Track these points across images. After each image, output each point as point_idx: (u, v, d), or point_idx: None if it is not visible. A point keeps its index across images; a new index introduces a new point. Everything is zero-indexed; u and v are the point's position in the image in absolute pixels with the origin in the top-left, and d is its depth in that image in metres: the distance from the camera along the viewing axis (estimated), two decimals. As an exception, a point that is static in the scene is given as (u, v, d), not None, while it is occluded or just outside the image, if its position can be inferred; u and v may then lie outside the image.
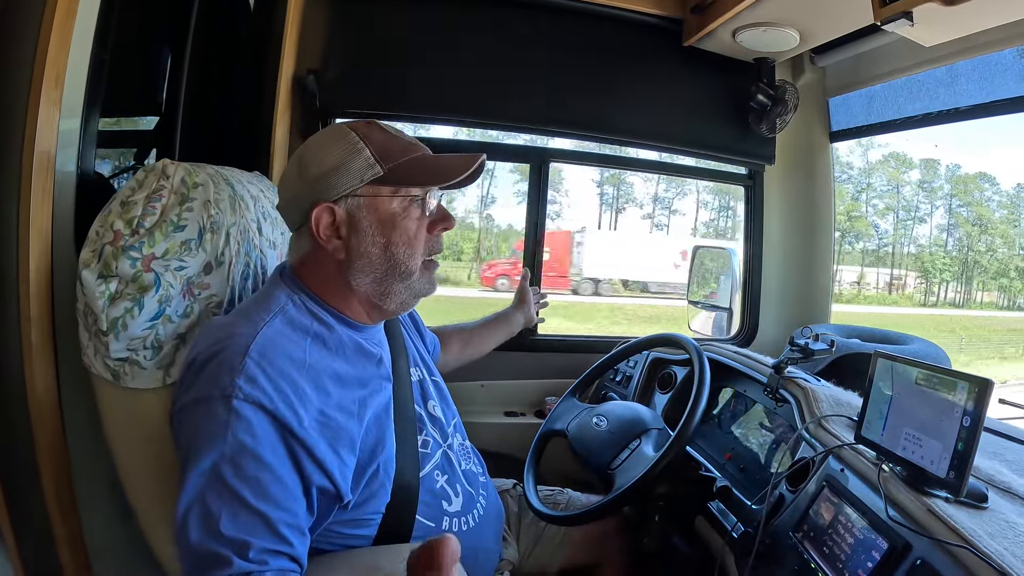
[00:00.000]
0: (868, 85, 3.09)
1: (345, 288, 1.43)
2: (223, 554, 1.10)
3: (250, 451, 1.16)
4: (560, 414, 2.12)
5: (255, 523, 1.14)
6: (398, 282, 1.43)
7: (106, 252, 1.28)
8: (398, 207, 1.40)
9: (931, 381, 1.33)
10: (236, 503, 1.13)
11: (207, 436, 1.16)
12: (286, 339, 1.29)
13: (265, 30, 2.60)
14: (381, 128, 1.44)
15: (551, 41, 2.95)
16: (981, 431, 1.22)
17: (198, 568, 1.11)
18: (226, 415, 1.16)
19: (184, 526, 1.12)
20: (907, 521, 1.24)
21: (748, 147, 3.23)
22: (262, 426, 1.18)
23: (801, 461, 1.63)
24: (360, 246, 1.39)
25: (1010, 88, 2.49)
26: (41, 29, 1.42)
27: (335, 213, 1.37)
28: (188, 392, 1.23)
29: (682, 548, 1.94)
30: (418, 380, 1.67)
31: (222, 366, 1.20)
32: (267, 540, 1.14)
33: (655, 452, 1.75)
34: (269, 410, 1.19)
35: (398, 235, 1.40)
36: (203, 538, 1.11)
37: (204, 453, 1.14)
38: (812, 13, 2.47)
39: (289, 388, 1.23)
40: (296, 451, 1.21)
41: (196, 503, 1.13)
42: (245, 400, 1.17)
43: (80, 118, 1.58)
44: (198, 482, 1.13)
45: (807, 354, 1.87)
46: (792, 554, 1.45)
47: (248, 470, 1.15)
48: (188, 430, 1.19)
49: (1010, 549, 1.12)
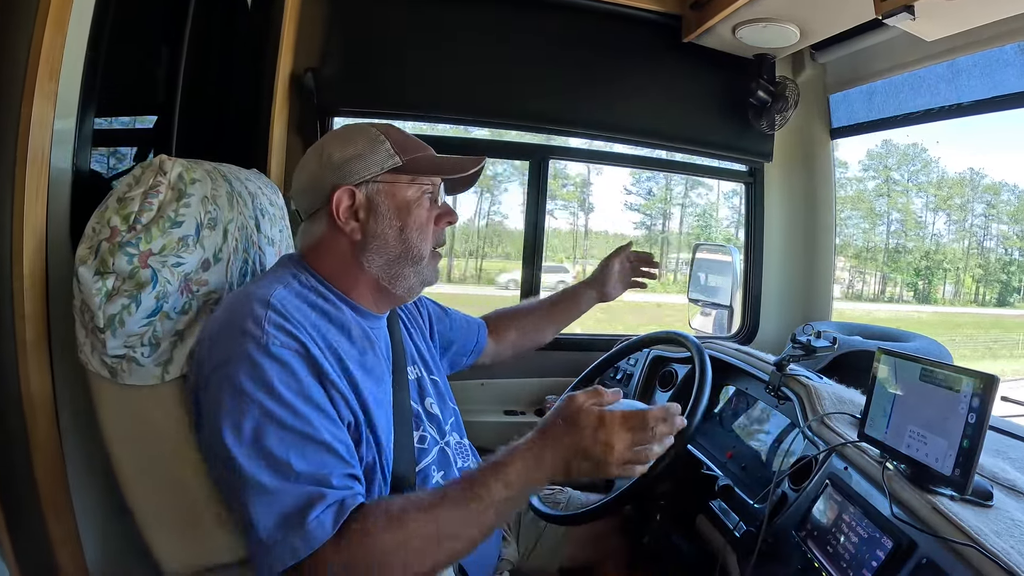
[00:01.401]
0: (869, 81, 3.08)
1: (356, 270, 1.48)
2: (310, 491, 1.16)
3: (298, 391, 1.22)
4: None
5: (324, 455, 1.20)
6: (408, 266, 1.49)
7: (103, 248, 1.27)
8: (413, 195, 1.49)
9: (935, 377, 1.32)
10: (300, 441, 1.19)
11: (251, 389, 1.19)
12: (300, 302, 1.35)
13: (263, 28, 2.61)
14: (397, 129, 1.54)
15: (550, 38, 2.95)
16: (987, 428, 1.21)
17: (291, 516, 1.14)
18: (267, 362, 1.21)
19: (254, 482, 1.15)
20: (912, 519, 1.24)
21: (748, 144, 3.23)
22: (302, 368, 1.25)
23: (804, 459, 1.62)
24: (377, 228, 1.46)
25: (1012, 83, 2.48)
26: (35, 26, 1.41)
27: (355, 196, 1.44)
28: (212, 358, 1.25)
29: (683, 547, 1.93)
30: (415, 378, 1.68)
31: (246, 321, 1.24)
32: (341, 466, 1.22)
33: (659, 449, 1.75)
34: (304, 353, 1.26)
35: (412, 220, 1.48)
36: (282, 485, 1.15)
37: (251, 406, 1.18)
38: (812, 8, 2.46)
39: (314, 335, 1.31)
40: (332, 393, 1.28)
41: (259, 456, 1.17)
42: (282, 346, 1.24)
43: (75, 116, 1.57)
44: (255, 435, 1.17)
45: (809, 351, 1.87)
46: (795, 553, 1.44)
47: (301, 409, 1.21)
48: (226, 391, 1.20)
49: (1016, 547, 1.11)
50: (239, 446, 1.17)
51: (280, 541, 1.13)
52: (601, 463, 1.26)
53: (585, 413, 1.28)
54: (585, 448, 1.25)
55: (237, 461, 1.16)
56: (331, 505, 1.16)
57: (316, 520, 1.13)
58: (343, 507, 1.17)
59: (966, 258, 32.30)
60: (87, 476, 1.55)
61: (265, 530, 1.14)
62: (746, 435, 2.04)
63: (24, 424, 1.44)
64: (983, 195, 32.96)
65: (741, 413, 2.13)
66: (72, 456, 1.52)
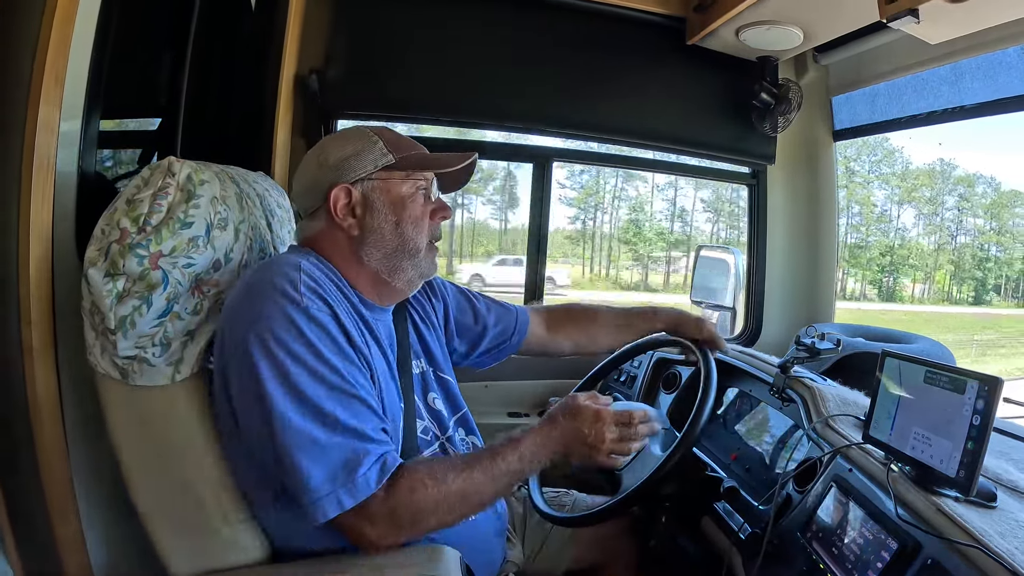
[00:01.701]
0: (871, 83, 3.09)
1: (356, 264, 1.53)
2: (355, 446, 1.26)
3: (336, 350, 1.31)
4: None
5: (364, 409, 1.31)
6: (406, 259, 1.55)
7: (113, 250, 1.28)
8: (407, 191, 1.55)
9: (940, 380, 1.32)
10: (343, 396, 1.28)
11: (294, 346, 1.27)
12: (321, 276, 1.40)
13: (267, 30, 2.62)
14: (390, 130, 1.62)
15: (554, 41, 2.96)
16: (991, 429, 1.21)
17: (340, 471, 1.24)
18: (304, 321, 1.29)
19: (305, 435, 1.24)
20: (917, 521, 1.24)
21: (751, 146, 3.24)
22: (336, 329, 1.33)
23: (808, 461, 1.62)
24: (373, 223, 1.52)
25: (1015, 86, 2.49)
26: (41, 30, 1.42)
27: (351, 194, 1.51)
28: (247, 317, 1.29)
29: (689, 549, 1.93)
30: (420, 372, 1.72)
31: (282, 281, 1.32)
32: (378, 420, 1.34)
33: (662, 452, 1.74)
34: (335, 316, 1.34)
35: (407, 214, 1.54)
36: (331, 438, 1.25)
37: (295, 362, 1.26)
38: (816, 11, 2.47)
39: (338, 305, 1.38)
40: (360, 355, 1.38)
41: (308, 410, 1.25)
42: (317, 309, 1.31)
43: (81, 119, 1.58)
44: (302, 389, 1.25)
45: (813, 353, 1.87)
46: (801, 555, 1.44)
47: (340, 366, 1.30)
48: (266, 348, 1.25)
49: (1021, 548, 1.11)
50: (287, 401, 1.23)
51: (329, 494, 1.23)
52: (593, 449, 1.53)
53: (585, 408, 1.55)
54: (583, 435, 1.52)
55: (286, 416, 1.23)
56: (376, 462, 1.27)
57: (363, 476, 1.25)
58: (386, 465, 1.29)
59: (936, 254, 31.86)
60: (92, 479, 1.56)
61: (316, 481, 1.23)
62: (750, 437, 2.04)
63: (30, 427, 1.45)
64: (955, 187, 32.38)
65: (745, 415, 2.13)
66: (77, 460, 1.53)
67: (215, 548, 1.38)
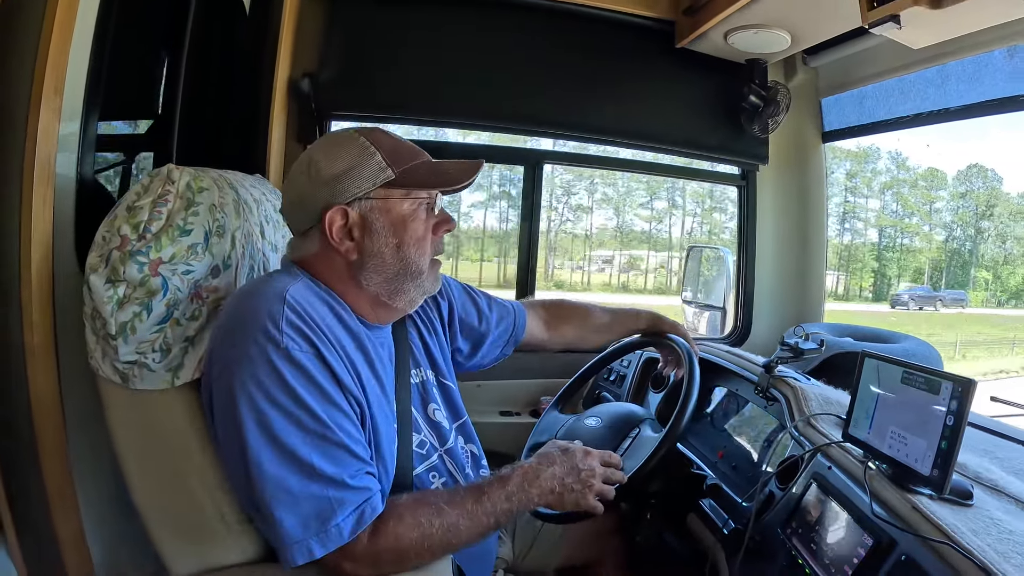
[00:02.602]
0: (860, 85, 3.12)
1: (354, 286, 1.45)
2: (331, 496, 1.22)
3: (316, 393, 1.25)
4: (545, 427, 2.10)
5: (343, 455, 1.25)
6: (408, 281, 1.46)
7: (113, 257, 1.28)
8: (408, 209, 1.43)
9: (916, 380, 1.36)
10: (321, 443, 1.23)
11: (272, 391, 1.22)
12: (311, 300, 1.34)
13: (261, 33, 2.63)
14: (387, 133, 1.47)
15: (545, 44, 2.99)
16: (964, 429, 1.24)
17: (313, 520, 1.21)
18: (284, 365, 1.23)
19: (278, 483, 1.21)
20: (892, 518, 1.26)
21: (741, 148, 3.26)
22: (318, 370, 1.26)
23: (790, 459, 1.65)
24: (373, 247, 1.41)
25: (1000, 88, 2.51)
26: (40, 39, 1.43)
27: (348, 215, 1.39)
28: (229, 355, 1.26)
29: (675, 545, 1.95)
30: (419, 382, 1.67)
31: (263, 318, 1.25)
32: (359, 464, 1.28)
33: (655, 432, 1.77)
34: (318, 355, 1.27)
35: (409, 235, 1.42)
36: (305, 487, 1.21)
37: (272, 408, 1.21)
38: (803, 15, 2.50)
39: (328, 335, 1.32)
40: (345, 393, 1.31)
41: (283, 457, 1.21)
42: (299, 350, 1.25)
43: (79, 123, 1.59)
44: (278, 436, 1.21)
45: (797, 353, 1.90)
46: (781, 550, 1.47)
47: (320, 411, 1.24)
48: (245, 391, 1.22)
49: (993, 545, 1.14)
50: (263, 448, 1.20)
51: (300, 541, 1.20)
52: (586, 485, 1.50)
53: (573, 445, 1.57)
54: (576, 468, 1.51)
55: (262, 463, 1.20)
56: (353, 512, 1.23)
57: (336, 527, 1.22)
58: (363, 516, 1.25)
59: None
60: (94, 479, 1.58)
61: (289, 528, 1.20)
62: (737, 435, 2.07)
63: (32, 428, 1.46)
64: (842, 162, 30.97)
65: (732, 414, 2.16)
66: (79, 459, 1.54)
67: (214, 548, 1.38)
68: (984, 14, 1.96)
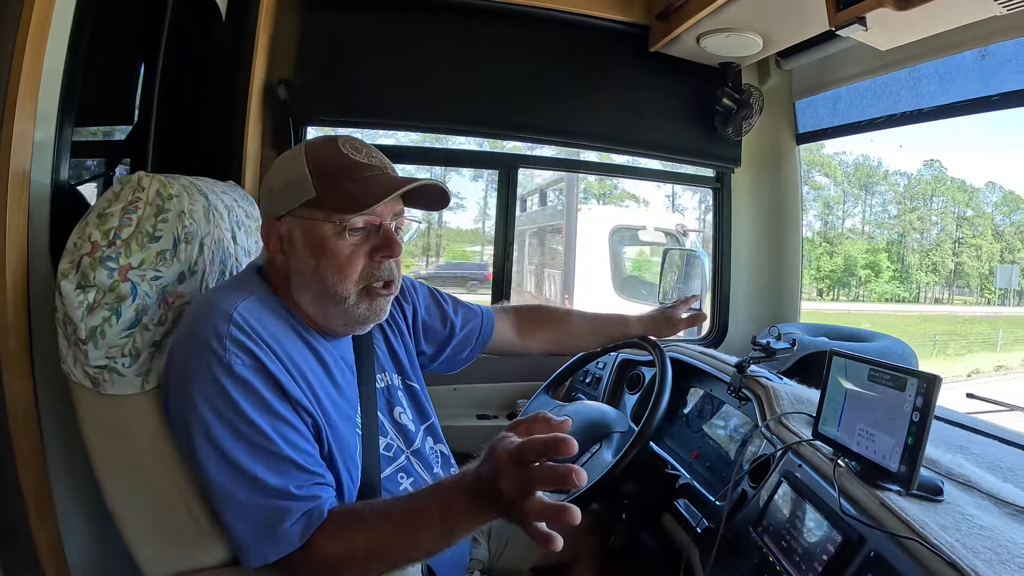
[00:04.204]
0: (833, 88, 3.14)
1: (297, 299, 1.46)
2: (278, 505, 1.23)
3: (262, 408, 1.26)
4: (532, 411, 2.10)
5: (290, 468, 1.26)
6: (332, 306, 1.43)
7: (84, 263, 1.30)
8: (330, 231, 1.38)
9: (882, 378, 1.36)
10: (267, 456, 1.24)
11: (217, 406, 1.24)
12: (261, 314, 1.35)
13: (237, 39, 2.63)
14: (337, 147, 1.43)
15: (519, 48, 2.99)
16: (931, 425, 1.25)
17: (262, 527, 1.23)
18: (228, 381, 1.24)
19: (225, 494, 1.23)
20: (861, 515, 1.27)
21: (715, 150, 3.28)
22: (263, 385, 1.27)
23: (762, 458, 1.66)
24: (296, 265, 1.41)
25: (972, 89, 2.54)
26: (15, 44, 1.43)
27: (279, 229, 1.42)
28: (177, 370, 1.29)
29: (650, 545, 1.96)
30: (384, 386, 1.67)
31: (209, 336, 1.26)
32: (306, 477, 1.27)
33: (612, 458, 1.77)
34: (264, 370, 1.28)
35: (327, 260, 1.39)
36: (252, 498, 1.23)
37: (218, 423, 1.23)
38: (774, 19, 2.52)
39: (276, 348, 1.32)
40: (295, 406, 1.32)
41: (229, 470, 1.23)
42: (243, 365, 1.26)
43: (54, 129, 1.59)
44: (224, 450, 1.23)
45: (769, 353, 1.91)
46: (752, 549, 1.47)
47: (265, 425, 1.25)
48: (192, 406, 1.24)
49: (961, 540, 1.14)
50: (210, 459, 1.23)
51: (253, 544, 1.23)
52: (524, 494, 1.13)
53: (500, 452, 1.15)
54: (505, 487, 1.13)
55: (209, 473, 1.23)
56: (299, 519, 1.23)
57: (284, 533, 1.22)
58: (310, 520, 1.24)
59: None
60: (70, 483, 1.57)
61: (240, 535, 1.24)
62: (712, 436, 2.08)
63: (7, 433, 1.45)
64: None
65: (707, 414, 2.17)
66: (55, 464, 1.54)
67: (189, 551, 1.39)
68: (951, 16, 1.98)
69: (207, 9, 2.60)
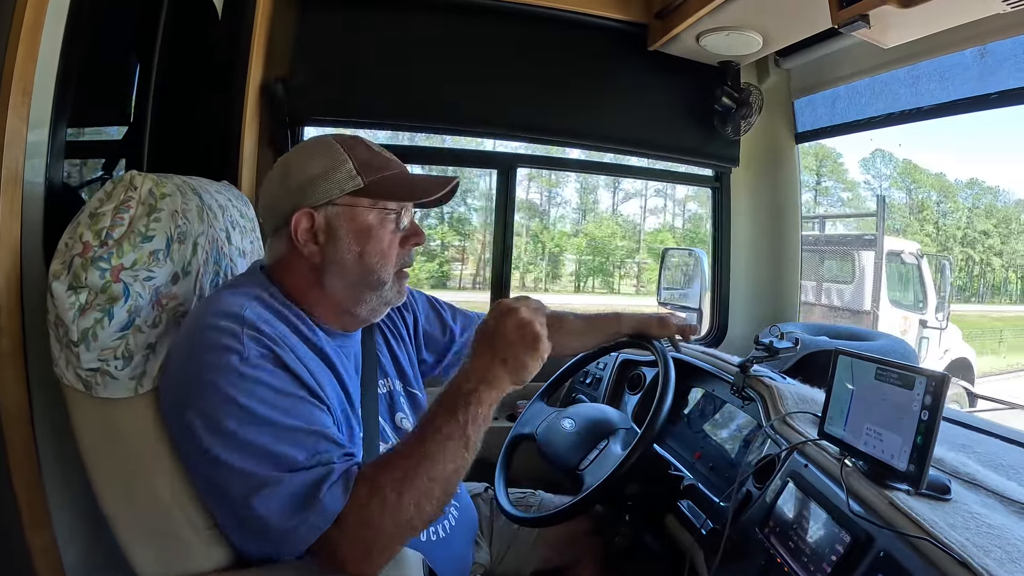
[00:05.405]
0: (832, 86, 3.15)
1: (318, 292, 1.45)
2: (314, 473, 1.20)
3: (285, 391, 1.25)
4: (529, 418, 2.12)
5: (319, 440, 1.24)
6: (369, 290, 1.47)
7: (75, 263, 1.27)
8: (374, 219, 1.44)
9: (890, 376, 1.35)
10: (294, 434, 1.22)
11: (239, 398, 1.21)
12: (268, 316, 1.34)
13: (232, 38, 2.62)
14: (364, 143, 1.49)
15: (519, 47, 2.99)
16: (939, 424, 1.24)
17: (302, 499, 1.18)
18: (250, 371, 1.23)
19: (257, 481, 1.18)
20: (869, 514, 1.26)
21: (714, 149, 3.28)
22: (283, 374, 1.26)
23: (767, 458, 1.65)
24: (336, 253, 1.42)
25: (971, 87, 2.54)
26: (8, 42, 1.41)
27: (314, 219, 1.41)
28: (193, 373, 1.26)
29: (653, 546, 1.95)
30: (386, 392, 1.68)
31: (224, 336, 1.25)
32: (336, 448, 1.25)
33: (623, 451, 1.77)
34: (281, 362, 1.27)
35: (372, 245, 1.43)
36: (285, 475, 1.19)
37: (241, 413, 1.20)
38: (774, 17, 2.51)
39: (288, 347, 1.31)
40: (311, 392, 1.30)
41: (258, 456, 1.19)
42: (261, 357, 1.25)
43: (48, 129, 1.57)
44: (250, 438, 1.20)
45: (772, 352, 1.90)
46: (759, 549, 1.47)
47: (289, 406, 1.24)
48: (212, 403, 1.21)
49: (971, 539, 1.14)
50: (231, 450, 1.19)
51: (299, 523, 1.17)
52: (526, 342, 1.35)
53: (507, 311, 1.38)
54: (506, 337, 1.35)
55: (235, 467, 1.18)
56: (337, 480, 1.20)
57: (328, 495, 1.18)
58: (348, 478, 1.22)
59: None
60: (65, 486, 1.55)
61: (280, 519, 1.17)
62: (714, 436, 2.07)
63: (1, 436, 1.44)
64: None
65: (709, 415, 2.16)
66: (49, 467, 1.52)
67: (182, 555, 1.37)
68: (953, 13, 1.98)
69: (203, 7, 2.59)
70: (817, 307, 9.06)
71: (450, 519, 1.68)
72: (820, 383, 1.89)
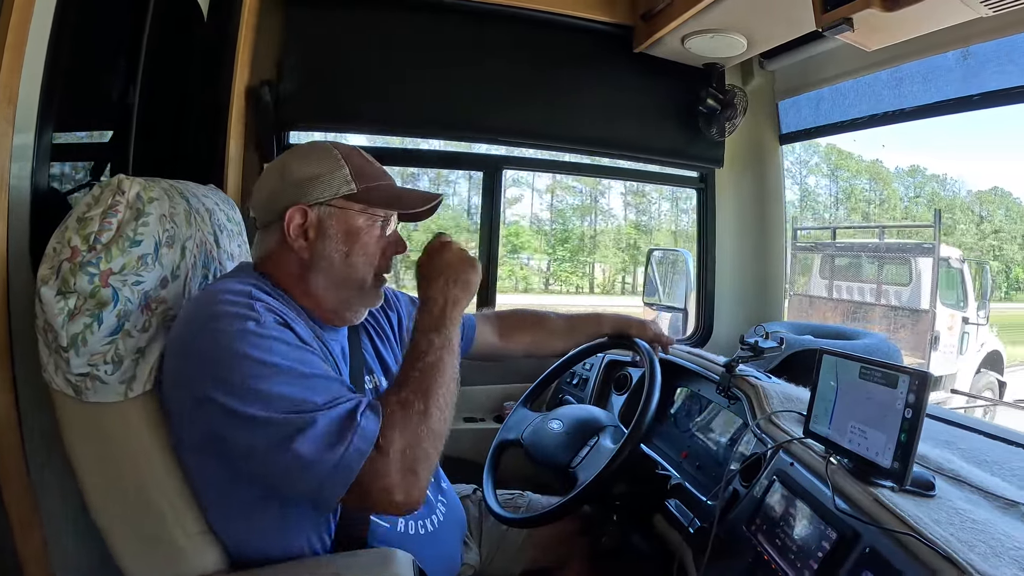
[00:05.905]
0: (817, 88, 3.18)
1: (304, 285, 1.50)
2: (344, 407, 1.25)
3: (304, 349, 1.32)
4: (513, 424, 2.13)
5: (340, 387, 1.30)
6: (350, 290, 1.53)
7: (64, 268, 1.27)
8: (363, 223, 1.51)
9: (873, 375, 1.36)
10: (319, 382, 1.28)
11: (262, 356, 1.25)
12: (270, 300, 1.37)
13: (219, 41, 2.61)
14: (359, 153, 1.57)
15: (504, 50, 2.99)
16: (923, 422, 1.25)
17: (338, 431, 1.23)
18: (269, 332, 1.28)
19: (294, 427, 1.21)
20: (855, 511, 1.27)
21: (699, 151, 3.30)
22: (293, 334, 1.32)
23: (753, 456, 1.66)
24: (324, 250, 1.48)
25: (954, 88, 2.57)
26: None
27: (307, 216, 1.47)
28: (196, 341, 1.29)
29: (642, 546, 1.96)
30: (373, 388, 1.70)
31: (239, 307, 1.30)
32: (349, 393, 1.30)
33: (614, 445, 1.78)
34: (286, 324, 1.33)
35: (359, 248, 1.50)
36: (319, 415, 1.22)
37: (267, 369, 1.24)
38: (758, 20, 2.53)
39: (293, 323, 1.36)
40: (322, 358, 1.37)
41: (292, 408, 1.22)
42: (276, 323, 1.31)
43: (34, 133, 1.56)
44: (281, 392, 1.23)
45: (757, 352, 1.91)
46: (746, 547, 1.48)
47: (310, 360, 1.30)
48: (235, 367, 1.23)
49: (956, 535, 1.15)
50: (269, 404, 1.21)
51: (344, 451, 1.21)
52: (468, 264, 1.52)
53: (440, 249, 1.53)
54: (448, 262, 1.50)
55: (273, 418, 1.21)
56: (366, 408, 1.27)
57: (364, 419, 1.25)
58: (374, 405, 1.29)
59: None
60: (56, 492, 1.54)
61: (325, 452, 1.21)
62: (700, 435, 2.08)
63: (-10, 443, 1.44)
64: None
65: (695, 414, 2.17)
66: (39, 473, 1.52)
67: (174, 559, 1.37)
68: (936, 16, 2.00)
69: (189, 11, 2.58)
70: (877, 307, 9.44)
71: (438, 514, 1.69)
72: (805, 382, 1.90)
